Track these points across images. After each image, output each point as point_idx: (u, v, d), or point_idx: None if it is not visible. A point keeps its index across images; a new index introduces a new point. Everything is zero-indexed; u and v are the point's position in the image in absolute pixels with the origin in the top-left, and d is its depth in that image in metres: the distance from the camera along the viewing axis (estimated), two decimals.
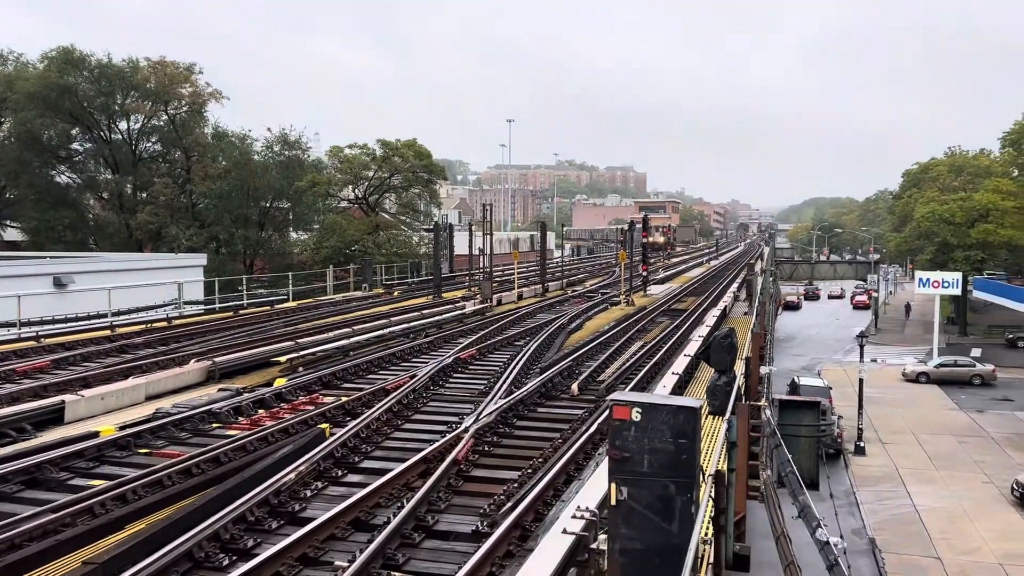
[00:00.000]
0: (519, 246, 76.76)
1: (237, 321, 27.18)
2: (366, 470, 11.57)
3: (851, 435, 38.04)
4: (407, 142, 57.69)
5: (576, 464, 11.48)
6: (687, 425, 6.48)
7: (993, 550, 26.12)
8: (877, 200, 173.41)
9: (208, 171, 52.49)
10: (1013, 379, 54.12)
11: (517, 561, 8.15)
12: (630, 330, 26.17)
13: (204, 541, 8.37)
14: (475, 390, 17.05)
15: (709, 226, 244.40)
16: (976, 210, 69.92)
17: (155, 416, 14.03)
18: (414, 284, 45.68)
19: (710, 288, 45.38)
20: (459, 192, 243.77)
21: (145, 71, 53.29)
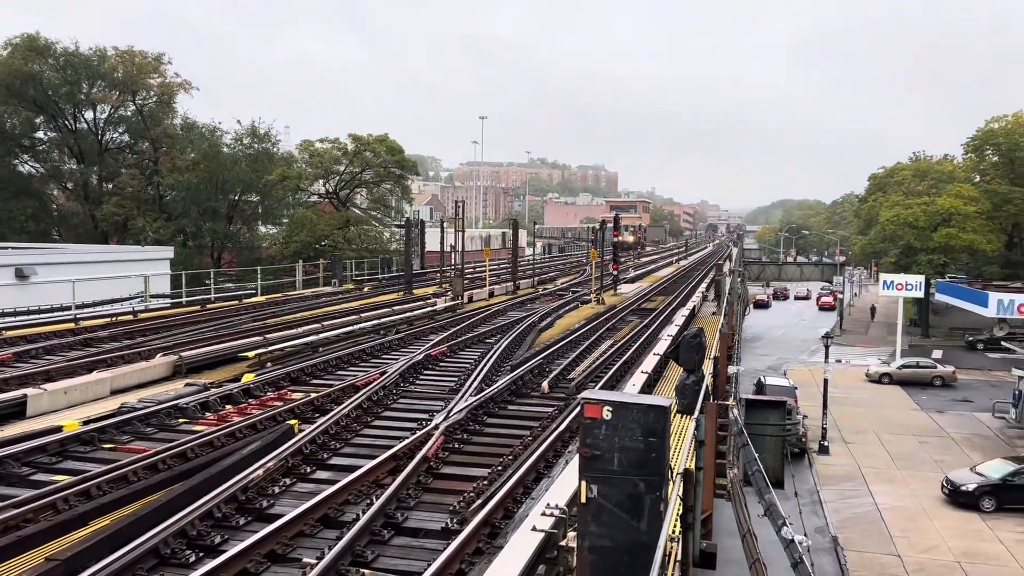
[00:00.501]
0: (491, 243, 76.80)
1: (204, 315, 26.86)
2: (335, 467, 11.52)
3: (816, 435, 38.61)
4: (379, 137, 57.40)
5: (546, 462, 11.53)
6: (657, 424, 6.55)
7: (951, 548, 26.69)
8: (843, 203, 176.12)
9: (176, 163, 51.79)
10: (972, 380, 55.28)
11: (487, 558, 8.17)
12: (600, 328, 26.30)
13: (170, 538, 8.29)
14: (446, 387, 17.04)
15: (679, 226, 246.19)
16: (939, 214, 71.25)
17: (120, 411, 13.83)
18: (385, 280, 45.46)
19: (679, 288, 45.75)
20: (431, 188, 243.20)
21: (112, 60, 52.42)
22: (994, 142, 74.64)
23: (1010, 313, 39.55)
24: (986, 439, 40.51)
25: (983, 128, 75.50)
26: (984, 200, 71.99)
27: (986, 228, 71.15)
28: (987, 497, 30.22)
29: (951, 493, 31.01)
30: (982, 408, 46.41)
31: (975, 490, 30.51)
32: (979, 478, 31.06)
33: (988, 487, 30.47)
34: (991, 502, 30.16)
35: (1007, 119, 74.63)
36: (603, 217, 62.01)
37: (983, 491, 30.38)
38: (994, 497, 30.18)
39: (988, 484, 30.60)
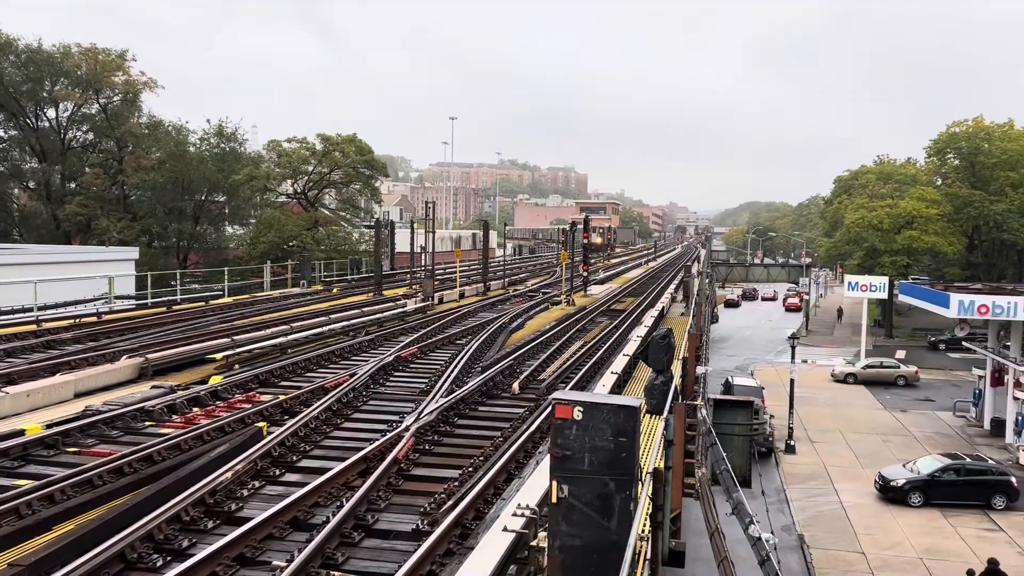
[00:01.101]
0: (461, 244, 76.70)
1: (171, 317, 26.52)
2: (305, 469, 11.45)
3: (782, 434, 39.09)
4: (348, 137, 57.02)
5: (517, 463, 11.57)
6: (627, 424, 6.61)
7: (914, 545, 27.18)
8: (810, 205, 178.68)
9: (141, 162, 51.04)
10: (934, 380, 56.38)
11: (457, 559, 8.18)
12: (571, 330, 26.41)
13: (137, 542, 8.18)
14: (416, 389, 17.01)
15: (648, 228, 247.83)
16: (902, 217, 72.59)
17: (85, 414, 13.62)
18: (354, 281, 45.21)
19: (648, 289, 46.06)
20: (400, 189, 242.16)
21: (76, 58, 51.53)
22: (955, 146, 76.23)
23: (970, 314, 40.32)
24: (947, 437, 41.31)
25: (945, 132, 77.04)
26: (945, 203, 73.51)
27: (947, 230, 72.66)
28: (915, 492, 31.05)
29: (881, 488, 31.80)
30: (944, 407, 47.33)
31: (903, 485, 31.31)
32: (909, 474, 31.86)
33: (916, 483, 31.27)
34: (919, 497, 30.96)
35: (968, 124, 76.26)
36: (573, 218, 62.31)
37: (912, 486, 31.19)
38: (922, 493, 30.99)
39: (917, 480, 31.40)
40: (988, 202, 71.68)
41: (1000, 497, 30.61)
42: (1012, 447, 38.14)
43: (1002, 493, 30.64)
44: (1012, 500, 30.71)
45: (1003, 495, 30.62)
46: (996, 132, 75.06)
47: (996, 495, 30.61)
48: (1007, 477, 31.14)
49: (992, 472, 31.50)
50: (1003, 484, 30.90)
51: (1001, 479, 31.08)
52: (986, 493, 30.72)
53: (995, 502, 30.52)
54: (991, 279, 69.18)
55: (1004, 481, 30.96)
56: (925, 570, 25.20)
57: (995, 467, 32.02)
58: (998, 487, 30.80)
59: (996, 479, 31.08)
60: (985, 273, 74.82)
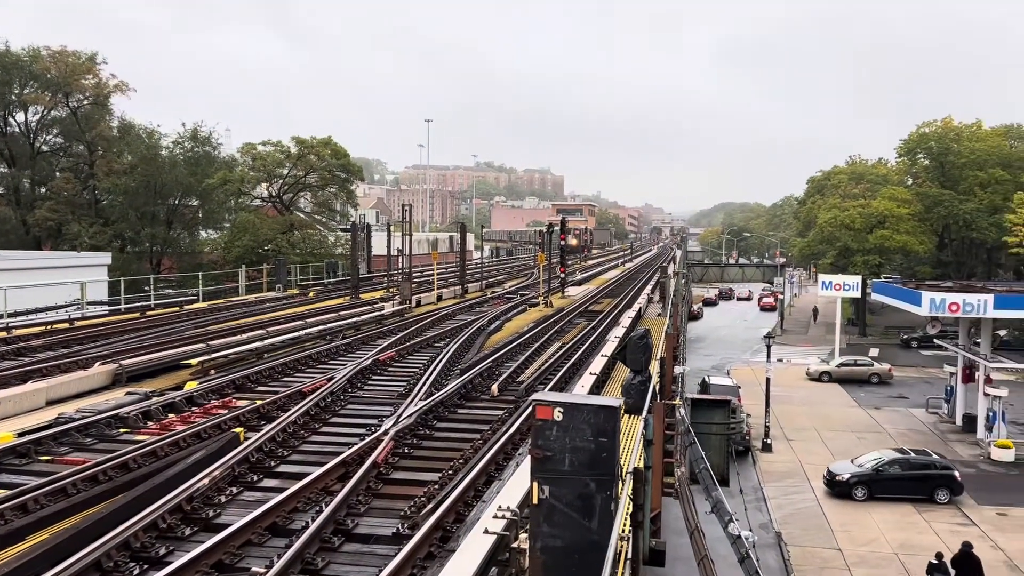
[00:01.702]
0: (438, 247, 76.49)
1: (145, 322, 26.22)
2: (283, 474, 11.36)
3: (759, 432, 39.41)
4: (323, 140, 56.72)
5: (497, 464, 11.55)
6: (607, 424, 6.63)
7: (889, 540, 27.51)
8: (783, 206, 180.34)
9: (113, 166, 50.39)
10: (907, 377, 57.14)
11: (438, 562, 8.16)
12: (549, 331, 26.45)
13: (113, 550, 8.07)
14: (394, 392, 16.94)
15: (624, 229, 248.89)
16: (874, 216, 73.54)
17: (57, 421, 13.43)
18: (330, 285, 44.98)
19: (625, 290, 46.26)
20: (376, 192, 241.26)
21: (45, 61, 50.77)
22: (925, 146, 77.42)
23: (941, 311, 40.88)
24: (920, 434, 41.87)
25: (915, 132, 78.19)
26: (916, 202, 74.59)
27: (918, 229, 73.72)
28: (859, 487, 31.65)
29: (828, 483, 32.33)
30: (916, 404, 47.98)
31: (848, 479, 31.89)
32: (855, 469, 32.45)
33: (861, 477, 31.86)
34: (863, 491, 31.55)
35: (937, 124, 77.44)
36: (550, 220, 62.44)
37: (856, 480, 31.78)
38: (866, 487, 31.59)
39: (861, 474, 32.00)
40: (957, 201, 72.83)
41: (943, 491, 31.23)
42: (983, 442, 38.73)
43: (945, 487, 31.27)
44: (955, 494, 31.33)
45: (946, 489, 31.23)
46: (964, 132, 76.32)
47: (939, 489, 31.24)
48: (950, 471, 31.77)
49: (935, 466, 32.14)
50: (946, 478, 31.53)
51: (944, 473, 31.71)
52: (929, 487, 31.34)
53: (938, 496, 31.16)
54: (961, 277, 70.30)
55: (947, 475, 31.59)
56: (900, 565, 25.51)
57: (938, 461, 32.64)
58: (941, 481, 31.43)
59: (939, 473, 31.72)
60: (955, 271, 76.00)
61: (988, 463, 36.60)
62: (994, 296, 39.86)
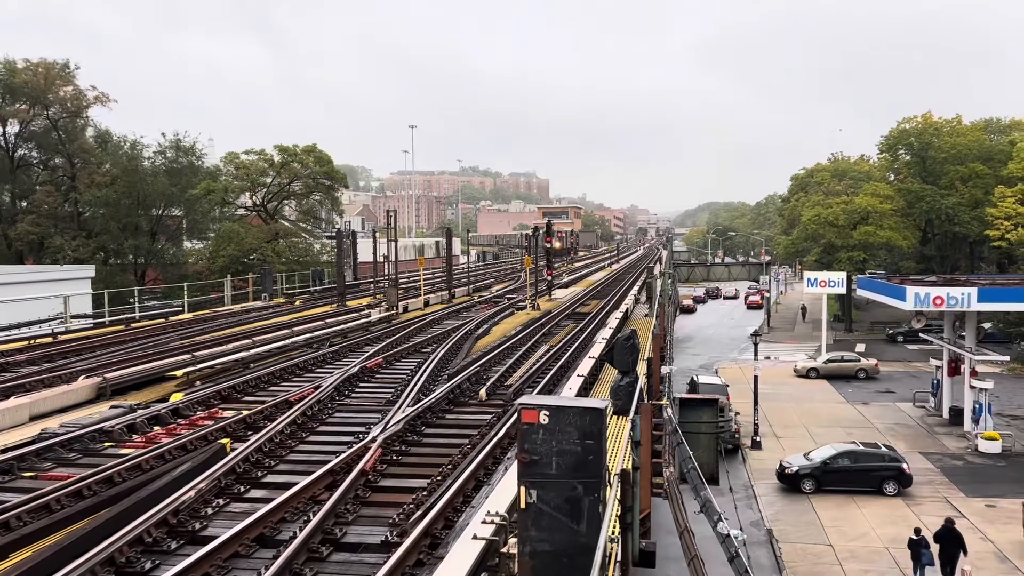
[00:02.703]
0: (424, 252, 76.35)
1: (129, 335, 26.01)
2: (270, 485, 11.28)
3: (748, 430, 39.52)
4: (307, 147, 56.60)
5: (485, 469, 11.52)
6: (593, 426, 6.61)
7: (879, 535, 27.62)
8: (768, 204, 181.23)
9: (95, 178, 50.04)
10: (894, 372, 57.47)
11: (428, 569, 8.12)
12: (536, 334, 26.43)
13: (98, 566, 7.97)
14: (382, 399, 16.87)
15: (610, 231, 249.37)
16: (857, 213, 73.96)
17: (40, 437, 13.27)
18: (317, 293, 44.80)
19: (612, 291, 46.31)
20: (361, 198, 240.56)
21: (22, 73, 50.37)
22: (906, 142, 77.95)
23: (926, 305, 41.14)
24: (908, 428, 42.13)
25: (896, 128, 78.72)
26: (899, 198, 75.08)
27: (901, 225, 74.19)
28: (807, 479, 32.11)
29: (779, 476, 32.76)
30: (904, 398, 48.26)
31: (796, 472, 32.33)
32: (805, 462, 32.85)
33: (809, 470, 32.31)
34: (811, 484, 32.00)
35: (917, 120, 78.02)
36: (536, 224, 62.44)
37: (804, 473, 32.22)
38: (814, 480, 32.03)
39: (809, 467, 32.44)
40: (939, 196, 73.37)
41: (891, 483, 31.65)
42: (970, 435, 39.00)
43: (893, 479, 31.68)
44: (904, 486, 31.73)
45: (895, 481, 31.65)
46: (944, 128, 76.91)
47: (887, 481, 31.66)
48: (898, 464, 32.14)
49: (884, 459, 32.51)
50: (894, 470, 31.92)
51: (892, 465, 32.09)
52: (878, 479, 31.76)
53: (886, 488, 31.58)
54: (944, 271, 70.79)
55: (895, 467, 31.98)
56: (891, 559, 25.62)
57: (887, 454, 33.00)
58: (889, 473, 31.84)
59: (888, 465, 32.10)
60: (939, 265, 76.54)
61: (975, 455, 36.86)
62: (977, 289, 40.18)
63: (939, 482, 33.02)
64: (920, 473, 34.00)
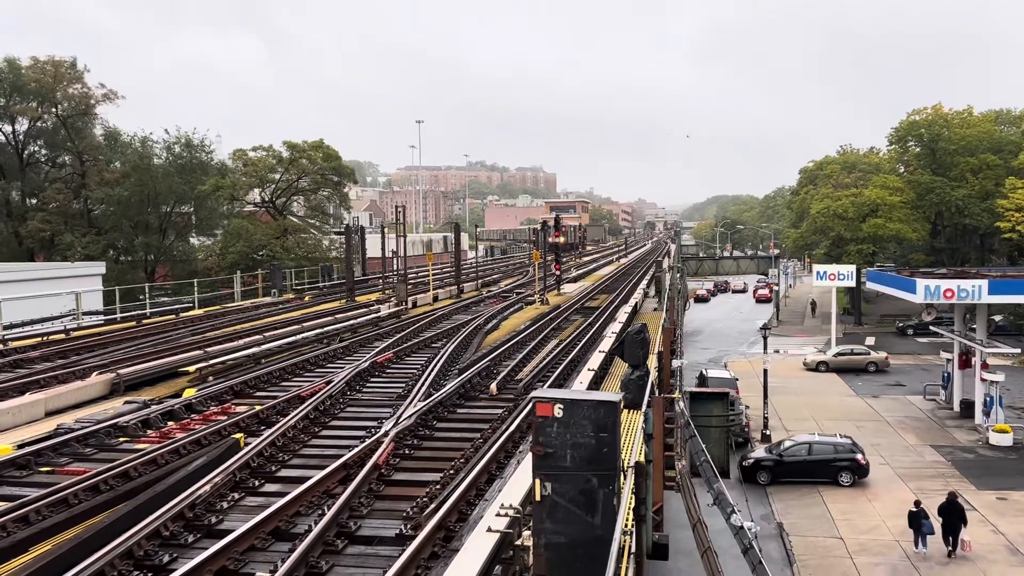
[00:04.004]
0: (432, 248, 76.43)
1: (141, 331, 26.16)
2: (284, 479, 11.36)
3: (758, 424, 39.47)
4: (314, 143, 56.69)
5: (498, 463, 11.57)
6: (607, 419, 6.65)
7: (890, 527, 27.57)
8: (776, 197, 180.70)
9: (104, 176, 50.24)
10: (904, 365, 57.26)
11: (443, 562, 8.16)
12: (545, 329, 26.47)
13: (116, 559, 8.06)
14: (393, 394, 16.95)
15: (618, 225, 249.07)
16: (866, 205, 73.65)
17: (57, 432, 13.40)
18: (326, 288, 44.94)
19: (621, 285, 46.28)
20: (369, 194, 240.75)
21: (29, 72, 50.56)
22: (916, 133, 77.51)
23: (936, 298, 40.98)
24: (918, 421, 41.99)
25: (905, 120, 78.28)
26: (908, 190, 74.71)
27: (911, 217, 73.86)
28: (763, 471, 32.53)
29: (740, 468, 33.09)
30: (914, 391, 48.10)
31: (752, 464, 32.76)
32: (761, 454, 33.38)
33: (764, 461, 32.76)
34: (766, 476, 32.42)
35: (927, 111, 77.58)
36: (543, 218, 62.45)
37: (760, 465, 32.66)
38: (769, 471, 32.48)
39: (765, 458, 32.86)
40: (949, 188, 72.98)
41: (846, 474, 31.95)
42: (981, 427, 38.86)
43: (848, 470, 31.98)
44: (860, 476, 31.99)
45: (849, 472, 31.95)
46: (955, 119, 76.47)
47: (842, 472, 31.98)
48: (853, 455, 32.34)
49: (839, 450, 32.70)
50: (849, 461, 32.17)
51: (848, 456, 32.32)
52: (833, 470, 32.06)
53: (841, 478, 31.88)
54: (955, 264, 70.49)
55: (850, 458, 32.22)
56: (902, 552, 25.58)
57: (843, 445, 33.10)
58: (844, 464, 32.11)
59: (843, 456, 32.32)
60: (949, 258, 76.17)
61: (987, 448, 36.74)
62: (988, 282, 40.00)
63: (949, 475, 32.91)
64: (930, 466, 33.94)
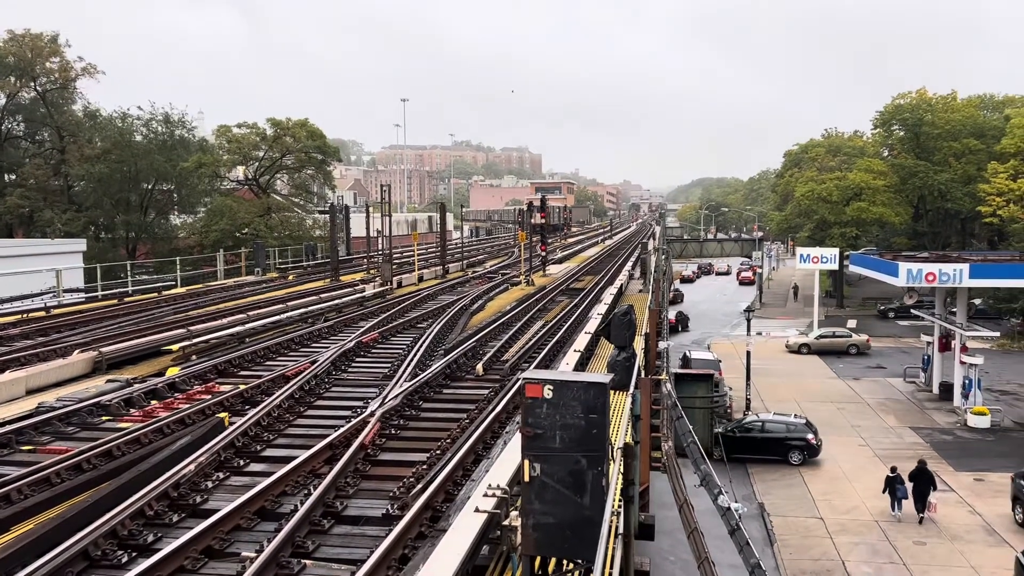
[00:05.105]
0: (417, 227, 76.09)
1: (123, 309, 25.90)
2: (270, 458, 11.29)
3: (740, 405, 39.80)
4: (299, 121, 56.19)
5: (484, 443, 11.55)
6: (597, 400, 6.62)
7: (869, 508, 27.95)
8: (760, 180, 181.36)
9: (84, 152, 49.56)
10: (885, 348, 57.86)
11: (430, 542, 8.14)
12: (531, 310, 26.44)
13: (100, 539, 7.98)
14: (379, 374, 16.87)
15: (603, 206, 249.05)
16: (850, 189, 74.03)
17: (38, 411, 13.24)
18: (310, 268, 44.68)
19: (606, 267, 46.30)
20: (353, 173, 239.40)
21: (8, 46, 49.63)
22: (901, 118, 77.82)
23: (918, 282, 41.38)
24: (898, 403, 42.49)
25: (890, 104, 78.56)
26: (892, 174, 75.14)
27: (894, 201, 74.36)
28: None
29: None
30: (894, 374, 48.65)
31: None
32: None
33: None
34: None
35: (912, 95, 77.86)
36: (529, 199, 62.25)
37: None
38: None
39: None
40: (932, 172, 73.45)
41: (796, 453, 32.85)
42: (960, 410, 39.38)
43: (798, 449, 32.89)
44: (810, 456, 32.83)
45: (799, 451, 32.87)
46: (939, 104, 76.81)
47: (793, 451, 32.87)
48: (803, 435, 33.13)
49: (791, 429, 33.44)
50: (800, 440, 33.00)
51: (798, 435, 33.12)
52: (784, 449, 32.92)
53: (791, 457, 32.78)
54: (936, 247, 71.08)
55: (802, 438, 33.04)
56: (881, 532, 25.95)
57: (795, 425, 33.78)
58: (795, 444, 32.96)
59: (795, 436, 33.14)
60: (931, 242, 76.80)
61: (965, 430, 37.26)
62: (969, 265, 40.42)
63: (928, 456, 33.28)
64: (909, 447, 34.38)
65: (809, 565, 23.82)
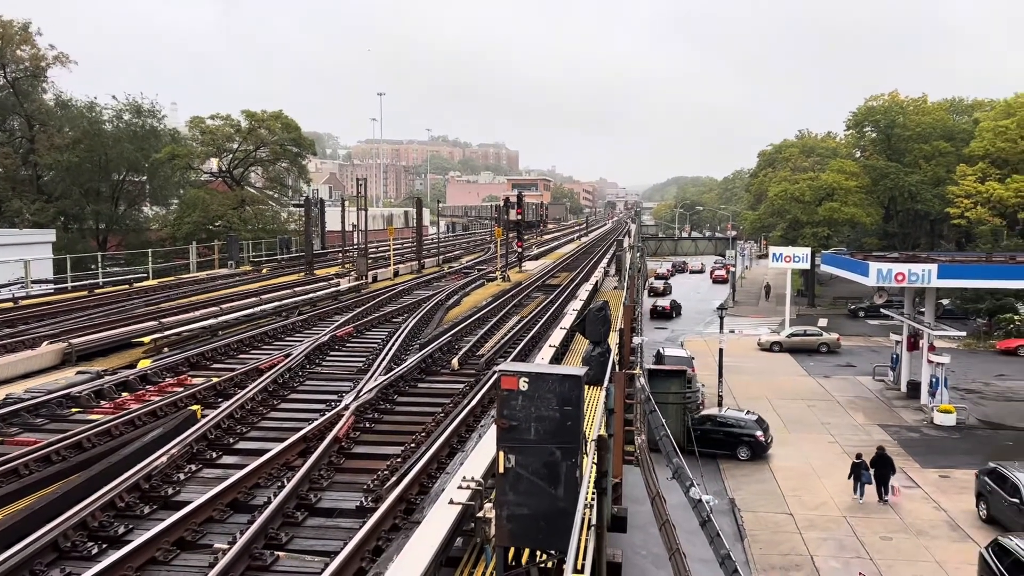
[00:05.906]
0: (393, 222, 75.83)
1: (93, 301, 25.57)
2: (242, 451, 11.25)
3: (712, 402, 40.10)
4: (273, 113, 55.61)
5: (459, 437, 11.58)
6: (572, 393, 6.67)
7: (838, 504, 28.34)
8: (735, 179, 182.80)
9: (54, 141, 48.72)
10: (855, 346, 58.60)
11: (404, 534, 8.15)
12: (507, 305, 26.49)
13: (70, 530, 7.92)
14: (354, 367, 16.85)
15: (579, 204, 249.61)
16: (823, 189, 74.88)
17: (5, 402, 13.07)
18: (284, 261, 44.38)
19: (582, 264, 46.48)
20: (329, 167, 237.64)
21: None
22: (873, 119, 78.84)
23: (888, 281, 41.97)
24: (867, 401, 43.09)
25: (863, 106, 79.55)
26: (864, 175, 76.10)
27: (866, 202, 75.31)
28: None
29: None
30: (864, 372, 49.29)
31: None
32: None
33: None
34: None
35: (884, 98, 78.89)
36: (505, 195, 62.28)
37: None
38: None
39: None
40: (903, 174, 74.50)
41: (744, 448, 33.45)
42: (927, 408, 40.02)
43: (746, 445, 33.47)
44: (757, 452, 33.40)
45: (748, 447, 33.46)
46: (910, 106, 77.91)
47: (741, 447, 33.49)
48: (752, 432, 33.71)
49: (741, 425, 34.06)
50: (747, 437, 33.60)
51: (747, 432, 33.72)
52: (733, 444, 33.53)
53: (740, 452, 33.40)
54: (906, 248, 72.12)
55: (750, 434, 33.64)
56: (849, 528, 26.32)
57: (746, 421, 34.32)
58: (744, 440, 33.58)
59: (744, 432, 33.75)
60: (901, 242, 77.92)
61: (931, 427, 37.87)
62: (938, 266, 41.06)
63: (896, 453, 33.81)
64: (877, 445, 34.83)
65: (778, 560, 24.11)
